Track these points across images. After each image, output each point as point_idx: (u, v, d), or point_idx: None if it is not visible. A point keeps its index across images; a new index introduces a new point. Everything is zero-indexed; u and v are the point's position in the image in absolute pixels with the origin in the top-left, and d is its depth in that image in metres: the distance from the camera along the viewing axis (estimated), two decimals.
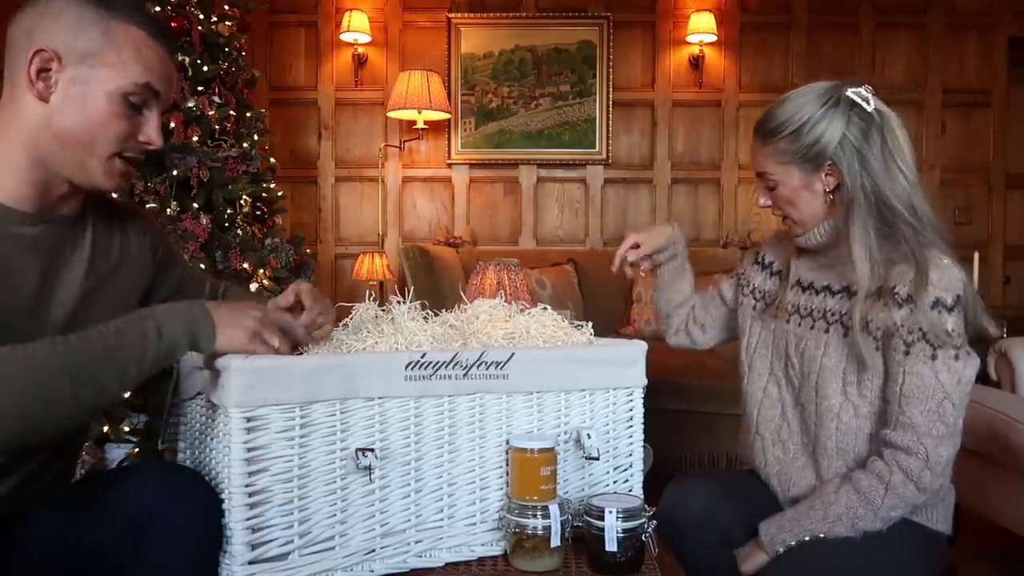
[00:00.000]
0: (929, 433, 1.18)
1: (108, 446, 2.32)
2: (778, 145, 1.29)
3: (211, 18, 2.74)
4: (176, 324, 0.99)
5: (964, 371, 1.20)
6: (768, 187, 1.34)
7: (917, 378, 1.19)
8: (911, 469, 1.18)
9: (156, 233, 1.24)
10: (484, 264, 2.64)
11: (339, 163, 4.26)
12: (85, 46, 0.98)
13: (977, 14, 4.21)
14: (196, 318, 1.02)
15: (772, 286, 1.47)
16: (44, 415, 0.88)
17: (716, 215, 4.26)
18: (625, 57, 4.22)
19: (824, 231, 1.31)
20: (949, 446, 1.19)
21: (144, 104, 1.03)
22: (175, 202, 2.44)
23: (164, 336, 0.98)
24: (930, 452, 1.18)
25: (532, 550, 1.13)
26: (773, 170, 1.31)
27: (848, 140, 1.24)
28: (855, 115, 1.24)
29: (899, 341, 1.21)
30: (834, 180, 1.27)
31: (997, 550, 2.38)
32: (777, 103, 1.32)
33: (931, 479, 1.19)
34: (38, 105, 0.99)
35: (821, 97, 1.26)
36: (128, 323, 0.97)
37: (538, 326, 1.31)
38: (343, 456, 1.08)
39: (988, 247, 4.25)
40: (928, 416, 1.18)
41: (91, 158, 1.01)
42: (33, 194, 1.01)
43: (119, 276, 1.14)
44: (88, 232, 1.10)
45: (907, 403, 1.20)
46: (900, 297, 1.21)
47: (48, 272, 1.03)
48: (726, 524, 1.32)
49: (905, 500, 1.20)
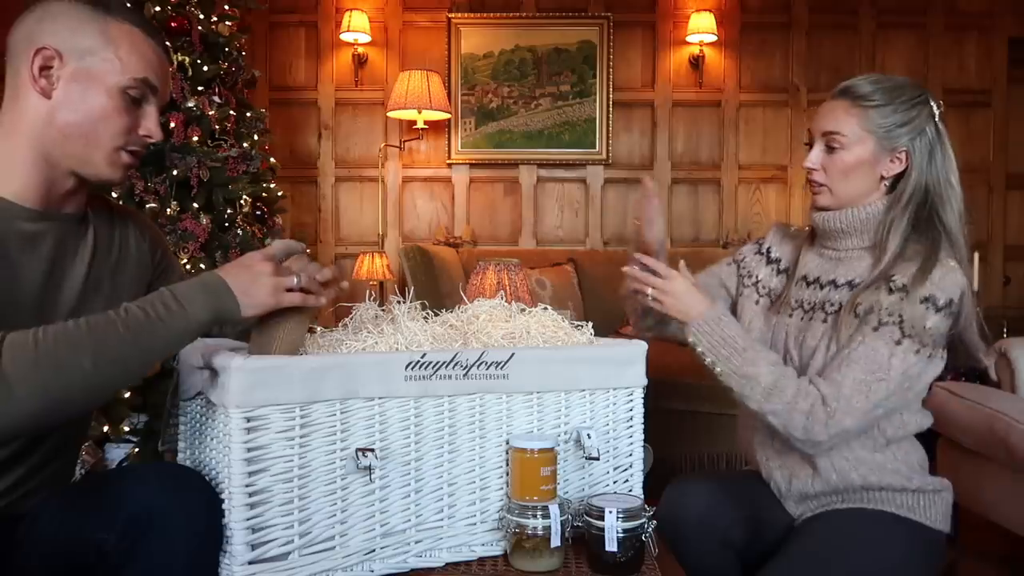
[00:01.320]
0: (848, 398, 1.20)
1: (108, 446, 2.32)
2: (868, 112, 1.29)
3: (211, 18, 2.74)
4: (198, 303, 0.99)
5: (917, 367, 1.22)
6: (830, 147, 1.32)
7: (871, 351, 1.22)
8: (816, 413, 1.21)
9: (155, 236, 1.26)
10: (484, 264, 2.63)
11: (339, 163, 4.26)
12: (84, 44, 1.02)
13: (977, 14, 4.21)
14: (218, 292, 1.01)
15: (779, 284, 1.46)
16: (63, 396, 0.90)
17: (716, 215, 4.26)
18: (625, 57, 4.22)
19: (850, 216, 1.33)
20: (857, 420, 1.21)
21: (143, 98, 1.07)
22: (175, 202, 2.44)
23: (189, 315, 0.98)
24: (837, 413, 1.20)
25: (532, 550, 1.14)
26: (850, 132, 1.30)
27: (926, 136, 1.29)
28: (934, 120, 1.30)
29: (874, 317, 1.23)
30: (897, 168, 1.31)
31: (997, 550, 2.38)
32: (869, 77, 1.33)
33: (821, 431, 1.21)
34: (41, 102, 1.02)
35: (913, 90, 1.31)
36: (151, 304, 0.97)
37: (538, 326, 1.31)
38: (343, 456, 1.08)
39: (988, 247, 4.24)
40: (857, 385, 1.21)
41: (95, 151, 1.04)
42: (39, 192, 1.04)
43: (119, 275, 1.16)
44: (90, 231, 1.12)
45: (847, 365, 1.22)
46: (895, 285, 1.24)
47: (51, 270, 1.05)
48: (726, 524, 1.32)
49: (787, 423, 1.23)
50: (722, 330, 1.28)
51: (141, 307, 0.97)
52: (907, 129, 1.28)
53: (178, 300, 0.98)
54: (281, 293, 1.04)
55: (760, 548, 1.34)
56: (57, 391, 0.89)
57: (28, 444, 1.05)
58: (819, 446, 1.25)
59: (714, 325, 1.28)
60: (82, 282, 1.09)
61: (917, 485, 1.30)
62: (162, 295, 0.99)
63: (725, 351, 1.27)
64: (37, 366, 0.88)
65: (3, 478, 1.03)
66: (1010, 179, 4.27)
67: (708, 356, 1.29)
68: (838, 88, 1.34)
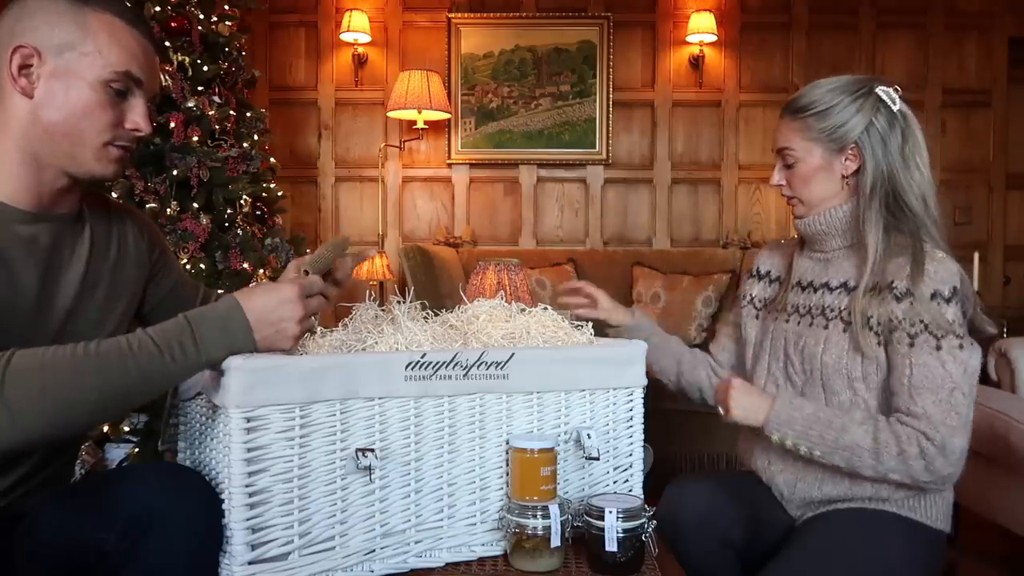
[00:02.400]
0: (944, 422, 1.19)
1: (108, 446, 2.32)
2: (807, 122, 1.32)
3: (211, 18, 2.74)
4: (216, 344, 0.99)
5: (969, 360, 1.21)
6: (786, 164, 1.36)
7: (925, 368, 1.20)
8: (927, 451, 1.19)
9: (153, 235, 1.25)
10: (484, 264, 2.63)
11: (339, 163, 4.26)
12: (61, 38, 0.99)
13: (977, 14, 4.21)
14: (237, 336, 1.01)
15: (771, 292, 1.50)
16: (65, 423, 0.90)
17: (716, 215, 4.26)
18: (625, 57, 4.22)
19: (826, 218, 1.34)
20: (963, 436, 1.20)
21: (127, 91, 1.04)
22: (175, 202, 2.44)
23: (203, 357, 0.98)
24: (946, 441, 1.18)
25: (532, 550, 1.13)
26: (797, 146, 1.33)
27: (875, 127, 1.29)
28: (882, 108, 1.30)
29: (903, 334, 1.23)
30: (854, 164, 1.31)
31: (997, 550, 2.38)
32: (810, 85, 1.35)
33: (942, 465, 1.19)
34: (24, 102, 1.00)
35: (853, 85, 1.31)
36: (167, 342, 0.96)
37: (538, 326, 1.31)
38: (343, 456, 1.08)
39: (988, 247, 4.24)
40: (941, 406, 1.19)
41: (82, 148, 1.02)
42: (30, 193, 1.02)
43: (117, 273, 1.15)
44: (86, 231, 1.11)
45: (918, 394, 1.21)
46: (899, 291, 1.24)
47: (47, 271, 1.04)
48: (726, 525, 1.32)
49: (910, 473, 1.21)
50: (802, 412, 1.26)
51: (157, 342, 0.95)
52: (851, 126, 1.29)
53: (196, 341, 0.97)
54: (300, 340, 1.07)
55: (760, 548, 1.34)
56: (60, 420, 0.89)
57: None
58: (951, 477, 1.22)
59: (792, 412, 1.26)
60: (79, 281, 1.08)
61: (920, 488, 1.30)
62: (181, 331, 0.97)
63: (815, 431, 1.24)
64: (43, 394, 0.87)
65: (3, 478, 1.03)
66: (1010, 179, 4.27)
67: (802, 445, 1.25)
68: (785, 104, 1.37)
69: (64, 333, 1.05)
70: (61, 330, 1.05)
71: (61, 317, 1.04)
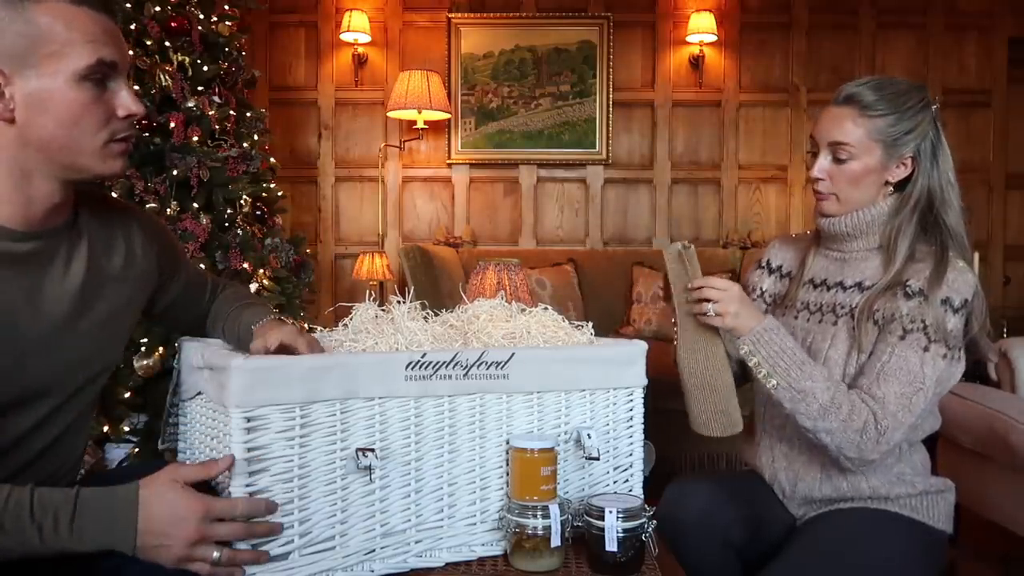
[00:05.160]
0: (896, 415, 1.21)
1: (108, 446, 2.32)
2: (875, 121, 1.29)
3: (211, 18, 2.73)
4: (93, 537, 0.91)
5: (946, 371, 1.23)
6: (838, 158, 1.31)
7: (903, 360, 1.22)
8: (869, 431, 1.21)
9: (164, 241, 1.20)
10: (484, 264, 2.64)
11: (339, 163, 4.26)
12: (14, 46, 0.92)
13: (977, 14, 4.21)
14: (119, 537, 0.93)
15: (782, 288, 1.48)
16: None
17: (716, 215, 4.26)
18: (625, 57, 4.22)
19: (855, 219, 1.33)
20: (903, 435, 1.23)
21: (105, 78, 0.97)
22: (175, 202, 2.44)
23: (73, 539, 0.90)
24: (889, 431, 1.21)
25: (532, 550, 1.13)
26: (857, 143, 1.29)
27: (930, 138, 1.29)
28: (936, 123, 1.30)
29: (898, 326, 1.24)
30: (902, 173, 1.31)
31: (997, 550, 2.38)
32: (871, 82, 1.31)
33: (872, 449, 1.21)
34: (7, 128, 0.94)
35: (916, 94, 1.31)
36: (43, 510, 0.89)
37: (538, 326, 1.31)
38: (343, 456, 1.08)
39: (988, 247, 4.25)
40: (901, 400, 1.21)
41: (82, 155, 0.97)
42: (20, 212, 0.98)
43: (121, 285, 1.11)
44: (83, 243, 1.06)
45: (886, 381, 1.22)
46: (911, 289, 1.25)
47: (33, 287, 1.00)
48: (726, 524, 1.32)
49: (841, 442, 1.22)
50: (781, 341, 1.25)
51: (33, 510, 0.89)
52: (913, 136, 1.29)
53: (72, 524, 0.90)
54: (186, 562, 0.95)
55: (760, 548, 1.34)
56: None
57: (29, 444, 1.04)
58: (870, 464, 1.25)
59: (773, 335, 1.25)
60: (75, 295, 1.03)
61: (921, 488, 1.30)
62: (60, 508, 0.90)
63: (783, 363, 1.24)
64: None
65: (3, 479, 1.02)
66: (1010, 179, 4.27)
67: (764, 367, 1.25)
68: (841, 95, 1.32)
69: (62, 348, 1.02)
70: (57, 345, 1.01)
71: (54, 333, 1.00)
